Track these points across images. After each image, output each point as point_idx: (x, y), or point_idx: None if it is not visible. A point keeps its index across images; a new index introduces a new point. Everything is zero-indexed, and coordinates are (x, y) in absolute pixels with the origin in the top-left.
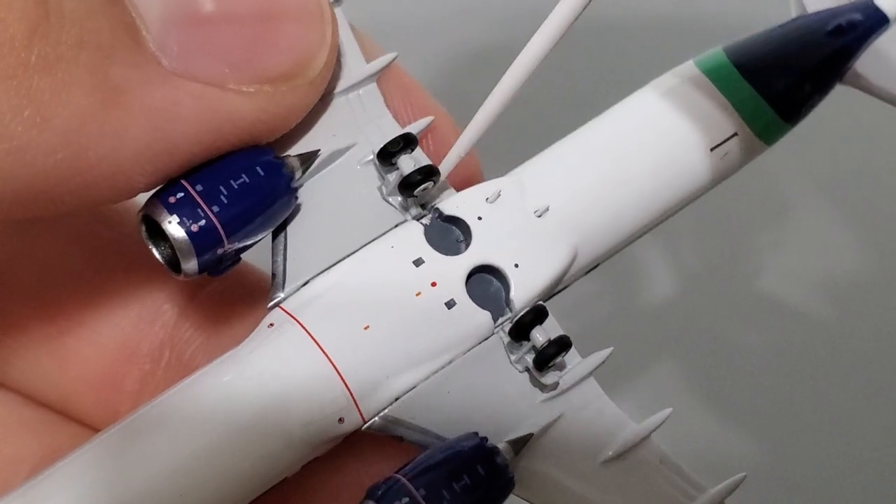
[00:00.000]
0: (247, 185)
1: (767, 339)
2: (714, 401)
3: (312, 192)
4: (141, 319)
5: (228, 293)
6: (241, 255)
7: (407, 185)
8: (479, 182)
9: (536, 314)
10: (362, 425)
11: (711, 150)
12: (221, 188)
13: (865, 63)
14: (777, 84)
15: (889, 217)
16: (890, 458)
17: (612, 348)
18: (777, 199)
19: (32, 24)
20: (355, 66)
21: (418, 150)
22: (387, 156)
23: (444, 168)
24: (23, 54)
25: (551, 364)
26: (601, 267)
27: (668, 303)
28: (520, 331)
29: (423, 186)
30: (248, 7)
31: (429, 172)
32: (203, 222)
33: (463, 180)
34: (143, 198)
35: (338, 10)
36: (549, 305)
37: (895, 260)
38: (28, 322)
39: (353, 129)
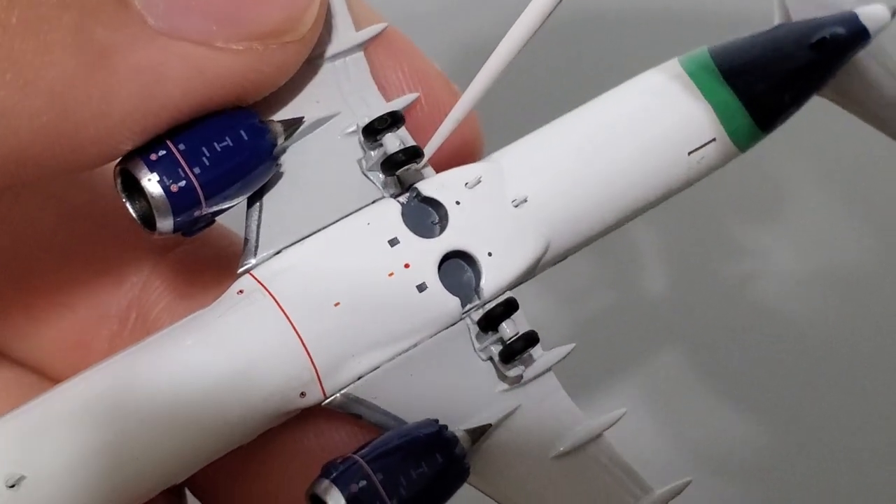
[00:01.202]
0: (230, 148)
1: (764, 331)
2: (709, 393)
3: (291, 159)
4: (110, 280)
5: (198, 255)
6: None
7: (390, 165)
8: (479, 145)
9: (507, 307)
10: (323, 401)
11: (689, 153)
12: (204, 149)
13: (842, 77)
14: (758, 92)
15: (887, 208)
16: (888, 455)
17: (574, 344)
18: (773, 190)
19: None
20: (344, 33)
21: (403, 128)
22: (372, 132)
23: (429, 149)
24: (2, 16)
25: (517, 358)
26: (597, 258)
27: (663, 294)
28: (489, 322)
29: (405, 167)
30: None
31: (413, 154)
32: (183, 183)
33: (464, 143)
34: None
35: None
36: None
37: (893, 251)
38: (3, 286)
39: (337, 98)
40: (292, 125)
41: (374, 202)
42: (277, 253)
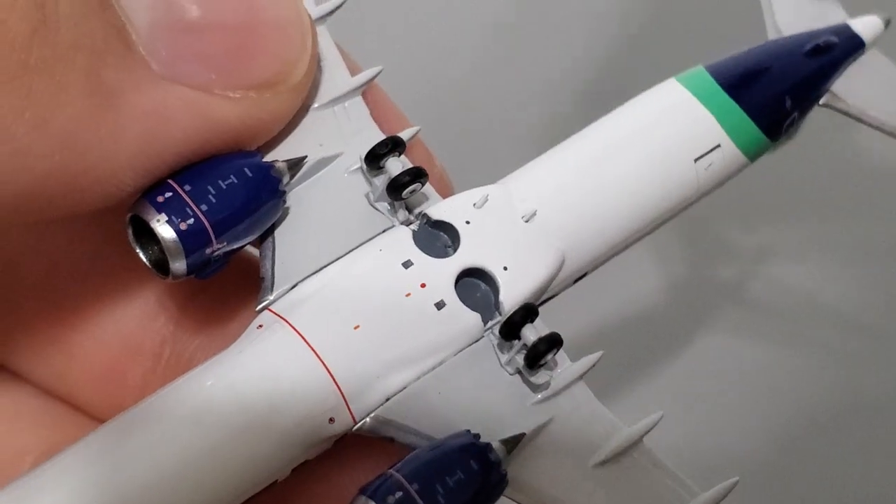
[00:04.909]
0: (234, 185)
1: (765, 342)
2: (712, 404)
3: (300, 199)
4: (144, 315)
5: (230, 291)
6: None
7: (395, 188)
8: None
9: (527, 312)
10: (353, 426)
11: (696, 160)
12: (209, 188)
13: (842, 85)
14: (759, 101)
15: (879, 220)
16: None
17: (601, 352)
18: (768, 204)
19: (32, 25)
20: (340, 80)
21: (404, 155)
22: (374, 158)
23: None
24: (23, 56)
25: (542, 362)
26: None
27: (663, 307)
28: (511, 329)
29: (411, 188)
30: (231, 15)
31: (417, 174)
32: (192, 220)
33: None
34: None
35: (322, 28)
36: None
37: (885, 263)
38: (36, 316)
39: (339, 139)
40: (296, 164)
41: (384, 231)
42: (293, 287)
